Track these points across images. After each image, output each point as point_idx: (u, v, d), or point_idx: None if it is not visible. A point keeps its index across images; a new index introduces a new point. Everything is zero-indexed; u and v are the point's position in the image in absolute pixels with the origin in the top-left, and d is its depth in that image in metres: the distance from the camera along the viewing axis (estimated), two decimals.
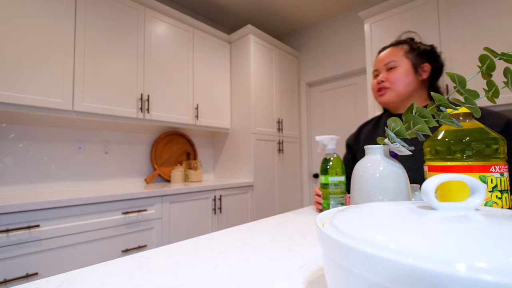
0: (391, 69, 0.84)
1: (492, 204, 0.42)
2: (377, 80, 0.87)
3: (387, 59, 0.86)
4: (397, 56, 0.85)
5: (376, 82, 0.87)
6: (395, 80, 0.83)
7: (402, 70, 0.83)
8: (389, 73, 0.84)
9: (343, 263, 0.19)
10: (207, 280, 0.37)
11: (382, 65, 0.87)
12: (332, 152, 0.79)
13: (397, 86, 0.83)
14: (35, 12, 1.47)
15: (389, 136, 0.47)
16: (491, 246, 0.15)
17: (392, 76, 0.83)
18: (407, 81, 0.83)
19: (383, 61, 0.87)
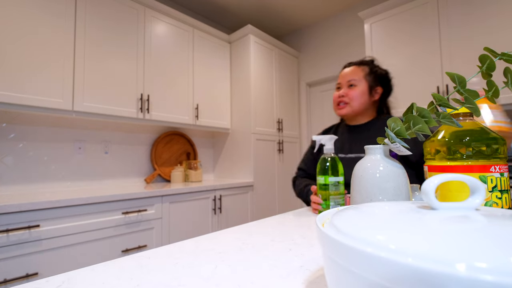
0: (351, 86, 0.98)
1: (492, 204, 0.42)
2: (339, 93, 1.00)
3: (350, 77, 1.00)
4: (358, 76, 0.99)
5: (338, 95, 1.01)
6: (353, 97, 0.97)
7: (360, 90, 0.98)
8: (349, 90, 0.98)
9: (343, 263, 0.19)
10: (207, 280, 0.37)
11: (345, 81, 1.00)
12: (330, 152, 0.79)
13: (354, 103, 0.98)
14: (35, 12, 1.47)
15: (389, 136, 0.47)
16: (491, 246, 0.15)
17: (351, 93, 0.98)
18: (362, 100, 0.98)
19: (346, 77, 1.00)
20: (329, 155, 0.78)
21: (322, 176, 0.77)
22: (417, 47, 1.88)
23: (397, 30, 1.98)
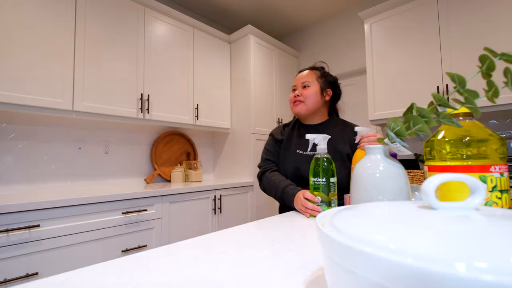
0: (306, 87, 1.08)
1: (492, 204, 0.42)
2: (294, 94, 1.09)
3: (304, 79, 1.09)
4: (311, 78, 1.09)
5: (294, 95, 1.10)
6: (307, 96, 1.06)
7: (313, 90, 1.07)
8: (304, 90, 1.07)
9: (343, 263, 0.19)
10: (207, 280, 0.37)
11: (300, 83, 1.10)
12: (323, 151, 0.78)
13: (308, 101, 1.07)
14: (35, 12, 1.47)
15: (389, 136, 0.47)
16: (491, 246, 0.15)
17: (305, 93, 1.07)
18: (315, 99, 1.07)
19: (301, 80, 1.10)
20: (322, 154, 0.78)
21: (322, 177, 0.76)
22: (417, 47, 1.88)
23: (397, 30, 1.98)
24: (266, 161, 1.12)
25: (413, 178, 1.58)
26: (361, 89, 2.60)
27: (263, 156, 1.15)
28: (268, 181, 1.04)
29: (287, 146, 1.10)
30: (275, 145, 1.14)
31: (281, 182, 0.98)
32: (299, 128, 1.12)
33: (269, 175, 1.05)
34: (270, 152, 1.13)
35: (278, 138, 1.13)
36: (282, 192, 0.95)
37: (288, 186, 0.95)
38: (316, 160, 0.77)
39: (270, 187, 1.02)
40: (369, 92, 2.10)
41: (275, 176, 1.03)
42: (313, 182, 0.77)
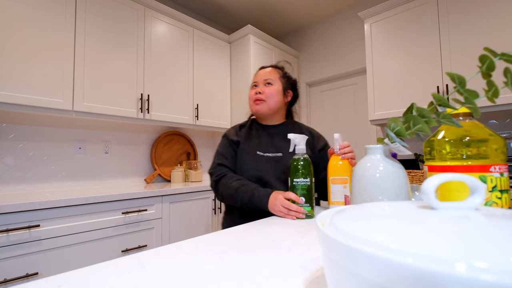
0: (268, 85, 1.02)
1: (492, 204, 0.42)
2: (256, 91, 1.02)
3: (267, 76, 1.03)
4: (274, 76, 1.04)
5: (255, 92, 1.02)
6: (270, 95, 1.01)
7: (276, 88, 1.02)
8: (266, 88, 1.02)
9: (343, 263, 0.19)
10: (207, 280, 0.37)
11: (262, 79, 1.04)
12: (303, 152, 0.78)
13: (270, 100, 1.01)
14: (35, 12, 1.47)
15: (389, 136, 0.47)
16: (491, 246, 0.15)
17: (268, 91, 1.01)
18: (277, 99, 1.02)
19: (264, 77, 1.04)
20: (303, 155, 0.77)
21: (306, 177, 0.75)
22: (417, 47, 1.88)
23: (397, 30, 1.98)
24: (219, 167, 0.99)
25: (413, 178, 1.58)
26: (361, 89, 2.60)
27: (214, 161, 1.01)
28: (228, 187, 0.91)
29: (245, 148, 1.00)
30: (229, 147, 1.03)
31: (246, 185, 0.89)
32: (258, 128, 1.05)
33: (227, 181, 0.93)
34: (223, 156, 1.01)
35: (234, 140, 1.03)
36: (252, 196, 0.85)
37: (256, 188, 0.87)
38: (302, 161, 0.75)
39: (232, 193, 0.90)
40: (369, 92, 2.10)
41: (236, 181, 0.91)
42: (297, 183, 0.75)
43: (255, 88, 1.04)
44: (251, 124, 1.09)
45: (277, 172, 0.95)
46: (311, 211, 0.74)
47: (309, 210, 0.74)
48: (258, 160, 0.96)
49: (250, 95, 1.05)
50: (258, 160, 0.96)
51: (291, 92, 1.09)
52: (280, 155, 0.98)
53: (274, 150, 0.99)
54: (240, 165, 0.98)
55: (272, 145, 1.00)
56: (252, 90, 1.05)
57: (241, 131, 1.06)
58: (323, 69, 2.85)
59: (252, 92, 1.04)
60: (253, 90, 1.04)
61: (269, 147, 0.99)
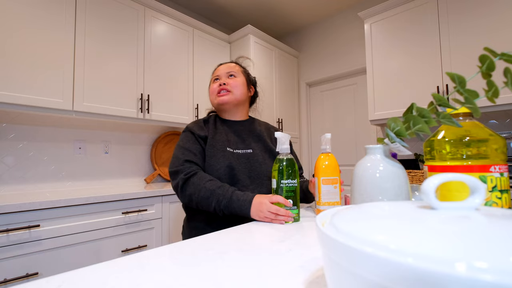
0: (232, 77, 0.98)
1: (492, 204, 0.42)
2: (219, 82, 0.97)
3: (230, 69, 0.99)
4: (236, 70, 1.01)
5: (219, 84, 0.97)
6: (235, 85, 0.97)
7: (241, 80, 0.99)
8: (230, 79, 0.97)
9: (343, 263, 0.19)
10: (207, 280, 0.37)
11: (224, 73, 0.99)
12: (287, 151, 0.75)
13: (236, 91, 0.97)
14: (35, 13, 1.47)
15: (389, 136, 0.47)
16: (491, 246, 0.15)
17: (233, 82, 0.97)
18: (243, 90, 0.99)
19: (226, 70, 1.00)
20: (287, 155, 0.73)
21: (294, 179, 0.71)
22: (417, 47, 1.88)
23: (397, 30, 1.98)
24: (188, 164, 0.85)
25: (413, 178, 1.58)
26: (361, 89, 2.60)
27: (179, 157, 0.86)
28: (200, 189, 0.78)
29: (214, 144, 0.91)
30: (196, 143, 0.91)
31: (222, 187, 0.78)
32: (222, 124, 0.98)
33: (200, 182, 0.80)
34: (190, 152, 0.88)
35: (201, 135, 0.92)
36: (230, 200, 0.75)
37: (234, 192, 0.77)
38: (288, 161, 0.72)
39: (206, 196, 0.78)
40: (369, 92, 2.10)
41: (210, 182, 0.79)
42: (285, 184, 0.71)
43: (217, 81, 0.98)
44: (214, 120, 1.00)
45: (249, 169, 0.91)
46: (297, 214, 0.71)
47: (296, 213, 0.70)
48: (229, 157, 0.89)
49: (212, 88, 0.98)
50: (229, 157, 0.89)
51: (253, 88, 1.07)
52: (251, 152, 0.94)
53: (244, 146, 0.94)
54: (209, 162, 0.88)
55: (241, 141, 0.95)
56: (214, 84, 0.98)
57: (206, 126, 0.97)
58: (323, 69, 2.85)
59: (215, 85, 0.97)
60: (215, 84, 0.98)
61: (238, 143, 0.94)
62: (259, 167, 0.92)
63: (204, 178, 0.81)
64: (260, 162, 0.93)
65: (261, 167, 0.92)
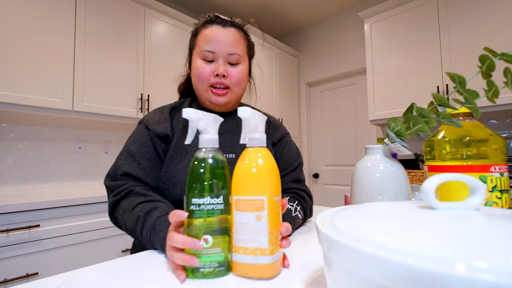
0: (234, 65, 0.66)
1: (492, 204, 0.42)
2: (216, 70, 0.63)
3: (233, 49, 0.64)
4: (242, 49, 0.67)
5: (214, 73, 0.63)
6: (239, 80, 0.66)
7: (245, 69, 0.68)
8: (233, 69, 0.65)
9: (343, 263, 0.19)
10: (207, 280, 0.36)
11: (224, 51, 0.63)
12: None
13: (238, 89, 0.67)
14: (36, 13, 1.47)
15: (389, 136, 0.47)
16: (491, 246, 0.15)
17: (236, 75, 0.65)
18: (245, 84, 0.70)
19: (227, 47, 0.63)
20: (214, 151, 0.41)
21: (218, 196, 0.38)
22: (417, 47, 1.88)
23: (397, 30, 1.98)
24: (123, 179, 0.58)
25: (413, 178, 1.58)
26: (361, 89, 2.60)
27: (117, 166, 0.60)
28: (127, 217, 0.53)
29: (181, 145, 0.62)
30: (149, 145, 0.62)
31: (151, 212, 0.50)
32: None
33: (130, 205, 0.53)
34: (133, 160, 0.60)
35: (159, 132, 0.62)
36: (152, 231, 0.47)
37: (160, 218, 0.48)
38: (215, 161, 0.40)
39: (131, 227, 0.52)
40: (369, 92, 2.11)
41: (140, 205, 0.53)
42: (199, 207, 0.38)
43: (211, 63, 0.64)
44: (190, 106, 0.70)
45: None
46: (222, 262, 0.37)
47: (219, 261, 0.37)
48: None
49: (202, 71, 0.63)
50: None
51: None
52: (233, 157, 0.65)
53: (226, 149, 0.66)
54: (169, 174, 0.60)
55: (223, 144, 0.66)
56: (207, 65, 0.64)
57: (173, 118, 0.67)
58: (323, 69, 2.85)
59: (208, 69, 0.63)
60: (208, 66, 0.64)
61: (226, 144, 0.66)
62: None
63: (135, 200, 0.54)
64: None
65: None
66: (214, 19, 0.67)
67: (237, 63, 0.66)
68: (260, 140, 0.40)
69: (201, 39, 0.65)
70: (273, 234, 0.37)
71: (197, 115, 0.41)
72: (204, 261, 0.37)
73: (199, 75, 0.64)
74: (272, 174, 0.38)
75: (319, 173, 2.86)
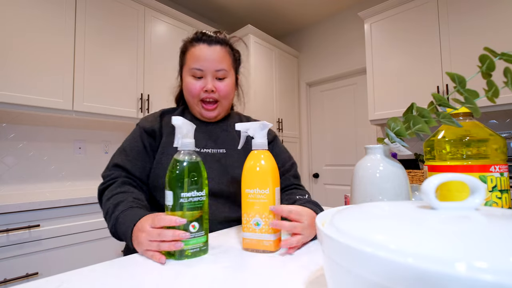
0: (221, 79, 0.72)
1: (492, 204, 0.42)
2: (205, 86, 0.69)
3: (219, 65, 0.70)
4: (227, 64, 0.73)
5: (204, 89, 0.70)
6: (226, 93, 0.72)
7: (231, 82, 0.74)
8: (220, 84, 0.71)
9: (343, 263, 0.19)
10: (207, 280, 0.37)
11: (211, 68, 0.70)
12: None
13: (226, 102, 0.74)
14: (36, 13, 1.47)
15: (389, 136, 0.47)
16: (491, 246, 0.15)
17: (223, 89, 0.71)
18: (232, 96, 0.77)
19: (214, 64, 0.70)
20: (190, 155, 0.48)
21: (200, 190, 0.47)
22: (417, 47, 1.88)
23: (397, 30, 1.98)
24: (113, 169, 0.66)
25: (413, 178, 1.58)
26: (361, 89, 2.60)
27: (111, 160, 0.69)
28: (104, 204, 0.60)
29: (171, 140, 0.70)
30: (139, 140, 0.70)
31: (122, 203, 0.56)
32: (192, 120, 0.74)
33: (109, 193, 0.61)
34: (123, 153, 0.68)
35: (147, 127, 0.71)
36: (116, 223, 0.54)
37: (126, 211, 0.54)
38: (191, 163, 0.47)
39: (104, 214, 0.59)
40: (369, 92, 2.11)
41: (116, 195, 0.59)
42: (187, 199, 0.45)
43: (200, 80, 0.70)
44: (182, 113, 0.79)
45: (220, 177, 0.69)
46: (205, 242, 0.47)
47: (203, 242, 0.46)
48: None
49: (192, 88, 0.70)
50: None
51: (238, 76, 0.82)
52: (223, 152, 0.72)
53: (214, 145, 0.73)
54: (162, 164, 0.67)
55: (212, 140, 0.73)
56: (196, 82, 0.70)
57: (163, 120, 0.74)
58: (323, 69, 2.85)
59: (197, 85, 0.70)
60: (197, 82, 0.70)
61: (207, 141, 0.73)
62: (236, 174, 0.70)
63: (116, 188, 0.61)
64: (235, 165, 0.71)
65: (237, 172, 0.71)
66: (201, 37, 0.72)
67: (224, 77, 0.72)
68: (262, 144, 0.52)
69: (189, 57, 0.72)
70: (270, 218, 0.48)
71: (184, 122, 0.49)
72: (192, 243, 0.45)
73: (190, 91, 0.72)
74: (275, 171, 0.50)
75: (319, 173, 2.86)
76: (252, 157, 0.51)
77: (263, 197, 0.48)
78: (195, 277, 0.38)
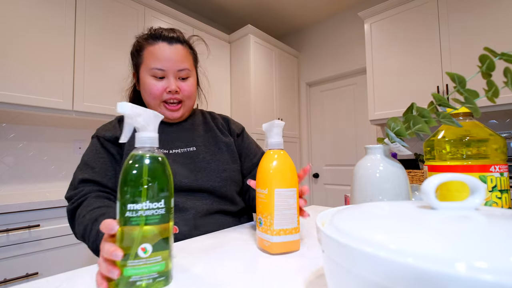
0: (183, 79, 0.70)
1: (492, 204, 0.42)
2: (168, 87, 0.67)
3: (181, 65, 0.68)
4: (189, 63, 0.71)
5: (168, 89, 0.67)
6: (189, 94, 0.71)
7: (195, 83, 0.73)
8: (184, 84, 0.70)
9: (343, 263, 0.19)
10: (207, 280, 0.37)
11: (173, 68, 0.67)
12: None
13: (190, 102, 0.73)
14: (36, 13, 1.47)
15: (389, 136, 0.47)
16: (491, 246, 0.15)
17: (187, 89, 0.70)
18: (195, 96, 0.75)
19: (176, 64, 0.67)
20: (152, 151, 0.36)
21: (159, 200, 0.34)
22: (417, 47, 1.88)
23: (397, 30, 1.98)
24: (81, 186, 0.60)
25: (413, 178, 1.58)
26: (361, 89, 2.60)
27: (75, 177, 0.62)
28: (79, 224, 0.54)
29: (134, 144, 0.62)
30: (101, 151, 0.65)
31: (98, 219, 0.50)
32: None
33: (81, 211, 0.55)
34: (87, 167, 0.63)
35: (108, 136, 0.66)
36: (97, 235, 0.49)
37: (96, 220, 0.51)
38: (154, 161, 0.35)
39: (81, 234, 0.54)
40: (369, 92, 2.11)
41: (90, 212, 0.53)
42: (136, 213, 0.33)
43: (162, 80, 0.68)
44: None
45: (197, 173, 0.67)
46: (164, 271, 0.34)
47: (160, 270, 0.34)
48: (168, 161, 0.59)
49: (154, 88, 0.67)
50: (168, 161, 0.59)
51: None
52: (194, 149, 0.70)
53: (183, 144, 0.71)
54: None
55: (180, 140, 0.72)
56: (157, 82, 0.67)
57: (121, 125, 0.71)
58: (323, 69, 2.85)
59: (159, 86, 0.67)
60: (159, 83, 0.67)
61: (174, 142, 0.70)
62: (211, 172, 0.68)
63: (88, 206, 0.55)
64: (208, 160, 0.69)
65: (213, 165, 0.69)
66: (159, 35, 0.69)
67: (187, 77, 0.71)
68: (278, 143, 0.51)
69: (148, 56, 0.68)
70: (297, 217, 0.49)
71: (134, 110, 0.35)
72: (141, 272, 0.32)
73: (151, 92, 0.68)
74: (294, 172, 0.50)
75: (319, 173, 2.86)
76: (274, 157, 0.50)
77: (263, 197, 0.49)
78: (196, 273, 0.37)
